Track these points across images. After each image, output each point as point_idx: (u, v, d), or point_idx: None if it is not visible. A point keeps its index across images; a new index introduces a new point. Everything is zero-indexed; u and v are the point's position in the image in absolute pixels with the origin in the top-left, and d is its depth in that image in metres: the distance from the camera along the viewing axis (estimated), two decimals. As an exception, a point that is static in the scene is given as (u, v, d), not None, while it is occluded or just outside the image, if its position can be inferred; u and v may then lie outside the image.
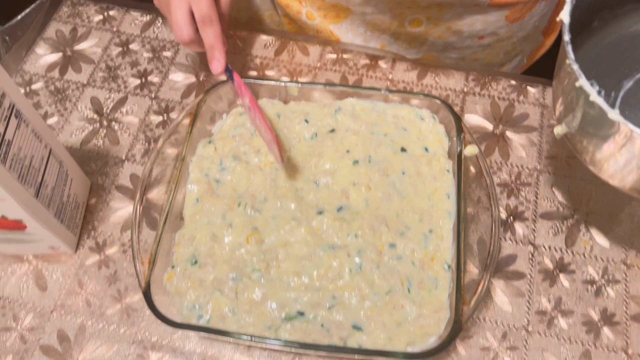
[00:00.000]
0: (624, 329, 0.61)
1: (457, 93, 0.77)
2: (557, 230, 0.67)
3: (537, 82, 0.78)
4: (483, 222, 0.63)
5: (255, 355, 0.60)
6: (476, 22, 0.80)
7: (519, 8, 0.79)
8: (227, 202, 0.64)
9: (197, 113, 0.67)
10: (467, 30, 0.82)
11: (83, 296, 0.64)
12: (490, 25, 0.81)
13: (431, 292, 0.59)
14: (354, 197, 0.64)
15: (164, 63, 0.81)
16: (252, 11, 0.92)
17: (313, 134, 0.69)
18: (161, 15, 0.86)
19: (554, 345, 0.60)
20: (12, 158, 0.52)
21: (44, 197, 0.58)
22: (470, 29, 0.82)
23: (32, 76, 0.80)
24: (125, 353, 0.60)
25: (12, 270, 0.65)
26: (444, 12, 0.78)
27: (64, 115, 0.76)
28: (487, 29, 0.82)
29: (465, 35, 0.83)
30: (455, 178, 0.64)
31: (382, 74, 0.80)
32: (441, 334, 0.55)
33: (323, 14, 0.83)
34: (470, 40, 0.84)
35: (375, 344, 0.56)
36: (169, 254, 0.61)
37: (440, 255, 0.61)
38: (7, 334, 0.61)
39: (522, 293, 0.63)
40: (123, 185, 0.71)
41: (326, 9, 0.83)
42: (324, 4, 0.82)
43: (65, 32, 0.85)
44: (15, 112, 0.53)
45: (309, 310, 0.57)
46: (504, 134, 0.74)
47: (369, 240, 0.61)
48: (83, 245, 0.67)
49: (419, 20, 0.80)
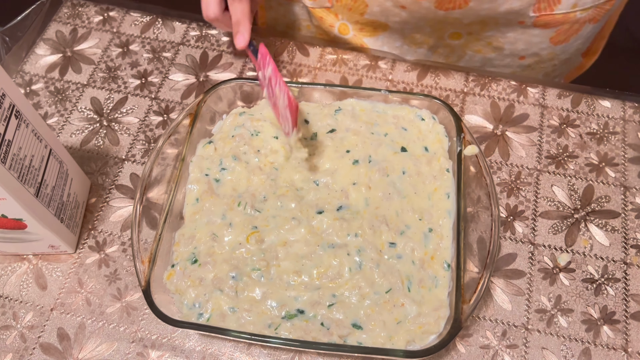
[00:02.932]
0: (623, 327, 0.61)
1: (457, 93, 0.78)
2: (557, 230, 0.67)
3: (537, 82, 0.78)
4: (483, 221, 0.63)
5: (255, 354, 0.60)
6: (519, 41, 0.78)
7: (565, 30, 0.77)
8: (227, 202, 0.64)
9: (197, 113, 0.67)
10: (508, 48, 0.80)
11: (83, 295, 0.64)
12: (533, 46, 0.79)
13: (431, 291, 0.59)
14: (353, 196, 0.64)
15: (164, 64, 0.81)
16: (290, 20, 0.91)
17: (313, 134, 0.69)
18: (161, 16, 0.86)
19: (553, 344, 0.61)
20: (12, 158, 0.52)
21: (44, 197, 0.58)
22: (511, 47, 0.80)
23: (32, 77, 0.80)
24: (125, 351, 0.60)
25: (12, 269, 0.65)
26: (486, 28, 0.77)
27: (64, 116, 0.76)
28: (529, 49, 0.80)
29: (506, 53, 0.81)
30: (455, 177, 0.64)
31: (382, 74, 0.80)
32: (441, 332, 0.55)
33: (359, 27, 0.82)
34: (510, 59, 0.83)
35: (375, 342, 0.56)
36: (169, 253, 0.61)
37: (440, 254, 0.61)
38: (7, 332, 0.61)
39: (521, 291, 0.63)
40: (123, 185, 0.71)
41: (363, 24, 0.82)
42: (362, 19, 0.80)
43: (65, 32, 0.85)
44: (15, 112, 0.53)
45: (309, 309, 0.57)
46: (504, 134, 0.74)
47: (369, 240, 0.61)
48: (83, 245, 0.67)
49: (458, 34, 0.79)
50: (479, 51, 0.82)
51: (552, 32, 0.76)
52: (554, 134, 0.74)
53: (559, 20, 0.74)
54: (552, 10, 0.72)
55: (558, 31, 0.77)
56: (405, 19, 0.77)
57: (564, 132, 0.74)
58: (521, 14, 0.72)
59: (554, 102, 0.77)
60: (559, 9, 0.72)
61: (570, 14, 0.73)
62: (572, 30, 0.77)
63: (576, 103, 0.77)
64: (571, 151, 0.73)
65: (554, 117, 0.75)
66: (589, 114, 0.76)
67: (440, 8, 0.72)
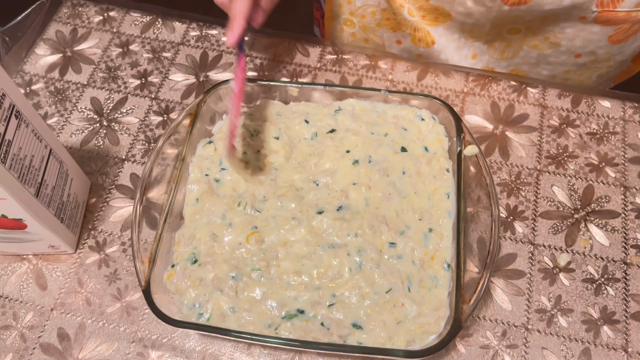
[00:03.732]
0: (623, 327, 0.61)
1: (457, 93, 0.78)
2: (557, 230, 0.67)
3: (537, 82, 0.78)
4: (483, 221, 0.63)
5: (255, 354, 0.60)
6: (577, 37, 0.77)
7: (625, 29, 0.75)
8: (227, 202, 0.64)
9: (197, 113, 0.67)
10: (565, 44, 0.79)
11: (83, 295, 0.64)
12: (591, 44, 0.78)
13: (431, 291, 0.59)
14: (353, 196, 0.64)
15: (164, 64, 0.81)
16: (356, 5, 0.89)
17: (313, 134, 0.69)
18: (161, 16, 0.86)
19: (553, 344, 0.61)
20: (12, 158, 0.52)
21: (44, 197, 0.58)
22: (569, 44, 0.79)
23: (32, 77, 0.80)
24: (125, 351, 0.60)
25: (13, 269, 0.65)
26: (546, 22, 0.76)
27: (64, 116, 0.76)
28: (586, 47, 0.79)
29: (563, 50, 0.80)
30: (455, 178, 0.64)
31: (382, 74, 0.80)
32: (441, 333, 0.55)
33: (422, 14, 0.82)
34: (566, 57, 0.82)
35: (375, 342, 0.56)
36: (169, 253, 0.61)
37: (440, 254, 0.61)
38: (7, 332, 0.61)
39: (521, 291, 0.63)
40: (123, 185, 0.71)
41: (426, 11, 0.81)
42: (426, 5, 0.80)
43: (65, 32, 0.85)
44: (15, 112, 0.53)
45: (309, 309, 0.57)
46: (504, 134, 0.74)
47: (369, 240, 0.61)
48: (83, 245, 0.67)
49: (517, 29, 0.79)
50: (536, 46, 0.81)
51: (612, 30, 0.76)
52: (554, 134, 0.74)
53: (620, 18, 0.73)
54: (615, 6, 0.71)
55: (618, 30, 0.76)
56: (469, 11, 0.76)
57: (564, 132, 0.74)
58: (584, 8, 0.72)
59: (554, 102, 0.77)
60: (622, 6, 0.71)
61: (633, 12, 0.72)
62: (632, 30, 0.76)
63: (576, 103, 0.77)
64: (571, 151, 0.73)
65: (554, 117, 0.75)
66: (589, 114, 0.76)
67: (506, 3, 0.72)
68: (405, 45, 0.87)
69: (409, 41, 0.86)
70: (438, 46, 0.83)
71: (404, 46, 0.88)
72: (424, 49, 0.85)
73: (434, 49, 0.84)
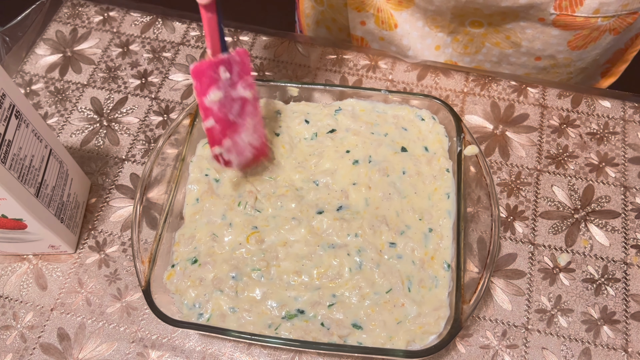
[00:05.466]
0: (623, 327, 0.61)
1: (457, 93, 0.78)
2: (557, 230, 0.67)
3: (537, 82, 0.78)
4: (483, 221, 0.63)
5: (255, 354, 0.60)
6: (537, 39, 0.78)
7: (584, 35, 0.76)
8: (227, 202, 0.64)
9: (197, 113, 0.67)
10: (525, 45, 0.80)
11: (83, 295, 0.64)
12: (550, 47, 0.79)
13: (431, 291, 0.59)
14: (353, 196, 0.64)
15: (164, 64, 0.81)
16: None
17: (313, 134, 0.69)
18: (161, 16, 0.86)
19: (553, 344, 0.61)
20: (12, 158, 0.52)
21: (44, 197, 0.58)
22: (529, 45, 0.80)
23: (32, 77, 0.80)
24: (125, 351, 0.60)
25: (13, 269, 0.65)
26: (507, 20, 0.77)
27: (64, 116, 0.76)
28: (546, 50, 0.80)
29: (523, 51, 0.81)
30: (455, 178, 0.64)
31: (382, 74, 0.80)
32: (441, 333, 0.55)
33: None
34: (526, 58, 0.83)
35: (375, 342, 0.56)
36: (169, 253, 0.61)
37: (440, 254, 0.61)
38: (7, 332, 0.61)
39: (521, 291, 0.63)
40: (123, 185, 0.71)
41: None
42: None
43: (65, 32, 0.85)
44: (15, 112, 0.53)
45: (309, 309, 0.57)
46: (504, 134, 0.74)
47: (369, 240, 0.61)
48: (83, 245, 0.67)
49: (479, 22, 0.79)
50: (498, 44, 0.82)
51: (571, 35, 0.76)
52: (554, 134, 0.74)
53: (579, 23, 0.74)
54: (574, 11, 0.72)
55: (577, 35, 0.76)
56: None
57: (564, 132, 0.74)
58: (542, 9, 0.72)
59: (554, 102, 0.77)
60: (581, 11, 0.72)
61: (592, 19, 0.73)
62: (591, 37, 0.77)
63: (576, 103, 0.77)
64: (571, 151, 0.73)
65: (554, 117, 0.75)
66: (589, 114, 0.76)
67: None
68: (369, 27, 0.87)
69: (373, 22, 0.85)
70: (401, 31, 0.83)
71: (368, 28, 0.87)
72: (387, 32, 0.85)
73: (396, 32, 0.84)
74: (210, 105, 0.57)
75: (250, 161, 0.62)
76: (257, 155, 0.63)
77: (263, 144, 0.62)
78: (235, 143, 0.61)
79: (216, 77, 0.57)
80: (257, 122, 0.62)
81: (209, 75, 0.57)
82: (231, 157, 0.61)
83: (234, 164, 0.62)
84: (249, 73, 0.60)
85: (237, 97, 0.59)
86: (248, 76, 0.60)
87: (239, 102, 0.60)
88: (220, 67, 0.57)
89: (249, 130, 0.61)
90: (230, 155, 0.61)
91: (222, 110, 0.59)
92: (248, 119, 0.61)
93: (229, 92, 0.59)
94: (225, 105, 0.59)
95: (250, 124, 0.61)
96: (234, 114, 0.60)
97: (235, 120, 0.60)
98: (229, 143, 0.60)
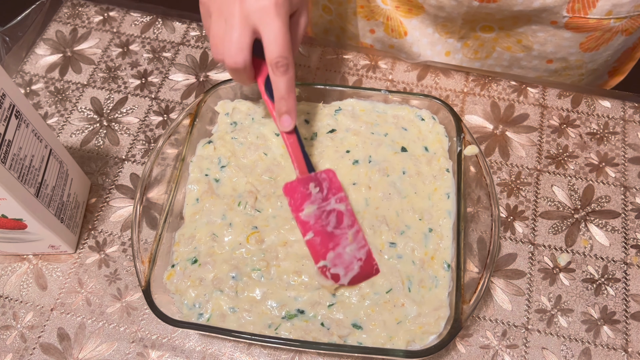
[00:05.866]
0: (623, 327, 0.61)
1: (457, 93, 0.78)
2: (557, 230, 0.67)
3: (537, 82, 0.78)
4: (483, 221, 0.63)
5: (255, 354, 0.60)
6: (549, 42, 0.78)
7: (596, 37, 0.76)
8: (227, 202, 0.64)
9: (197, 113, 0.67)
10: (537, 48, 0.79)
11: (83, 295, 0.64)
12: (562, 50, 0.79)
13: (431, 291, 0.59)
14: (353, 196, 0.64)
15: (164, 64, 0.81)
16: None
17: (313, 134, 0.69)
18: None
19: (553, 344, 0.61)
20: (12, 158, 0.52)
21: (44, 197, 0.58)
22: (540, 48, 0.79)
23: (32, 77, 0.80)
24: (125, 351, 0.60)
25: (13, 269, 0.65)
26: (519, 24, 0.76)
27: (64, 116, 0.76)
28: (558, 53, 0.80)
29: (535, 54, 0.81)
30: (455, 178, 0.64)
31: (382, 74, 0.80)
32: (441, 333, 0.55)
33: (396, 5, 0.81)
34: (537, 61, 0.82)
35: (375, 342, 0.56)
36: (169, 253, 0.61)
37: (440, 254, 0.61)
38: (7, 332, 0.61)
39: (521, 291, 0.63)
40: (123, 185, 0.71)
41: (400, 1, 0.80)
42: None
43: (65, 32, 0.85)
44: (15, 112, 0.53)
45: (309, 309, 0.57)
46: (504, 134, 0.74)
47: (369, 240, 0.61)
48: (83, 245, 0.67)
49: (490, 27, 0.79)
50: (509, 48, 0.81)
51: (583, 37, 0.76)
52: (554, 134, 0.74)
53: (591, 25, 0.73)
54: (586, 13, 0.71)
55: (589, 37, 0.76)
56: (441, 4, 0.75)
57: (564, 132, 0.74)
58: (554, 12, 0.72)
59: (554, 102, 0.77)
60: (593, 13, 0.71)
61: (604, 20, 0.72)
62: (603, 39, 0.76)
63: (576, 103, 0.77)
64: (571, 151, 0.73)
65: (554, 117, 0.75)
66: (589, 114, 0.76)
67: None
68: (379, 35, 0.87)
69: (382, 30, 0.85)
70: (411, 38, 0.83)
71: (377, 36, 0.87)
72: (397, 40, 0.85)
73: (406, 40, 0.84)
74: (307, 219, 0.59)
75: (359, 276, 0.59)
76: (366, 269, 0.59)
77: (370, 258, 0.60)
78: (339, 256, 0.59)
79: (308, 193, 0.60)
80: (358, 234, 0.60)
81: (301, 192, 0.60)
82: (338, 271, 0.58)
83: (342, 279, 0.58)
84: (339, 189, 0.61)
85: (331, 210, 0.60)
86: (339, 192, 0.61)
87: (334, 215, 0.60)
88: (310, 184, 0.60)
89: (351, 242, 0.60)
90: (336, 269, 0.58)
91: (319, 222, 0.60)
92: (347, 230, 0.60)
93: (322, 205, 0.60)
94: (322, 217, 0.60)
95: (350, 236, 0.60)
96: (332, 226, 0.60)
97: (333, 232, 0.60)
98: (332, 255, 0.59)
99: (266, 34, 0.53)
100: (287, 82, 0.55)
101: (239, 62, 0.54)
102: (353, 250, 0.59)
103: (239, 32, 0.53)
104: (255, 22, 0.53)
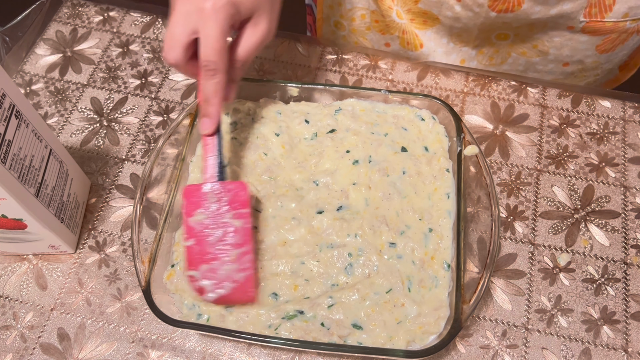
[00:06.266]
0: (623, 327, 0.61)
1: (457, 93, 0.78)
2: (557, 230, 0.67)
3: (537, 82, 0.78)
4: (483, 221, 0.63)
5: (255, 354, 0.60)
6: (565, 46, 0.78)
7: (612, 39, 0.76)
8: (227, 202, 0.64)
9: (197, 113, 0.67)
10: (553, 53, 0.79)
11: (83, 295, 0.64)
12: (579, 53, 0.79)
13: (431, 291, 0.59)
14: (353, 196, 0.64)
15: (164, 64, 0.81)
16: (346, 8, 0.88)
17: (313, 134, 0.69)
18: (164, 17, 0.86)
19: (553, 344, 0.61)
20: (12, 158, 0.52)
21: (44, 197, 0.58)
22: (557, 52, 0.79)
23: (32, 77, 0.80)
24: (125, 351, 0.60)
25: (13, 269, 0.65)
26: (535, 30, 0.76)
27: (64, 116, 0.76)
28: (574, 56, 0.79)
29: (551, 58, 0.81)
30: (455, 178, 0.64)
31: (382, 74, 0.80)
32: (441, 333, 0.55)
33: (411, 17, 0.81)
34: (553, 65, 0.82)
35: (375, 342, 0.56)
36: (169, 253, 0.61)
37: (440, 254, 0.61)
38: (7, 332, 0.61)
39: (521, 291, 0.63)
40: (123, 185, 0.71)
41: (415, 14, 0.80)
42: (415, 8, 0.79)
43: (65, 32, 0.85)
44: (15, 112, 0.53)
45: (309, 309, 0.57)
46: (504, 134, 0.74)
47: (369, 240, 0.61)
48: (83, 245, 0.67)
49: (506, 35, 0.79)
50: (524, 54, 0.81)
51: (600, 40, 0.76)
52: (554, 134, 0.74)
53: (608, 28, 0.73)
54: (603, 17, 0.71)
55: (605, 40, 0.76)
56: (457, 16, 0.75)
57: (564, 132, 0.74)
58: (571, 18, 0.72)
59: (554, 102, 0.77)
60: (610, 16, 0.71)
61: (620, 23, 0.72)
62: (619, 40, 0.76)
63: (576, 103, 0.77)
64: (571, 151, 0.73)
65: (554, 117, 0.75)
66: (589, 114, 0.76)
67: (493, 9, 0.72)
68: (394, 48, 0.87)
69: (397, 44, 0.85)
70: (426, 49, 0.83)
71: (392, 49, 0.88)
72: (413, 52, 0.85)
73: (422, 52, 0.84)
74: (194, 225, 0.57)
75: (227, 297, 0.56)
76: (238, 294, 0.57)
77: (248, 284, 0.57)
78: (213, 270, 0.56)
79: (203, 200, 0.57)
80: (245, 256, 0.57)
81: (197, 197, 0.58)
82: (206, 285, 0.56)
83: (207, 294, 0.56)
84: (244, 205, 0.58)
85: (223, 223, 0.57)
86: (242, 207, 0.58)
87: (223, 229, 0.57)
88: (210, 192, 0.58)
89: (232, 262, 0.56)
90: (205, 283, 0.56)
91: (204, 232, 0.57)
92: (233, 249, 0.57)
93: (213, 216, 0.57)
94: (208, 227, 0.57)
95: (234, 255, 0.56)
96: (215, 239, 0.57)
97: (215, 245, 0.57)
98: (205, 268, 0.56)
99: (201, 35, 0.54)
100: (213, 86, 0.56)
101: (170, 59, 0.55)
102: (230, 270, 0.56)
103: (178, 30, 0.55)
104: (194, 22, 0.54)
